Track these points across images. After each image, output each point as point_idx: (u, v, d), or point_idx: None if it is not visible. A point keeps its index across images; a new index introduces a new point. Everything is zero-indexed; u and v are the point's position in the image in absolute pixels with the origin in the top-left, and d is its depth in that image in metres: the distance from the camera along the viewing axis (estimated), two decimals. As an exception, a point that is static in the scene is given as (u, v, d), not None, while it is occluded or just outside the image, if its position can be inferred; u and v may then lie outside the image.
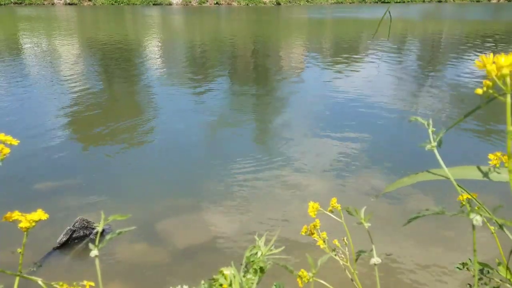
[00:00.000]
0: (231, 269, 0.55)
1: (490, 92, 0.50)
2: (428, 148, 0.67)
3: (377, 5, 35.96)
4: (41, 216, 0.68)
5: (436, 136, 0.67)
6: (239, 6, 34.75)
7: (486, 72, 0.48)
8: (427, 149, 0.68)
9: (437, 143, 0.66)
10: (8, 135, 0.67)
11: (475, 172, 0.67)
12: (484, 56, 0.48)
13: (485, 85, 0.50)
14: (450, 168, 0.66)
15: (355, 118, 5.54)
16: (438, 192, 3.45)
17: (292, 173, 3.92)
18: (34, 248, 2.80)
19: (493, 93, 0.50)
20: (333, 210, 0.95)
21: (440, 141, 0.66)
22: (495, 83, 0.49)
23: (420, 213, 0.76)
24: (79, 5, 32.64)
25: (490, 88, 0.50)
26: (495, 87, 0.50)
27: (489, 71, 0.48)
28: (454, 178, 0.65)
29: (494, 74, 0.48)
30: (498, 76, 0.48)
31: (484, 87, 0.50)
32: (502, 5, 34.93)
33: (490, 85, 0.49)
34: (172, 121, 5.63)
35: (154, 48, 12.84)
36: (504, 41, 13.38)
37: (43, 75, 8.51)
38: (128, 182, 3.83)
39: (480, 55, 0.49)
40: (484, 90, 0.50)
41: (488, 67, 0.48)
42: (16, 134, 0.77)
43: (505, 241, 0.93)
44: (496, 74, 0.48)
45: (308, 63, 10.17)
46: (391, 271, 2.61)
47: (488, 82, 0.49)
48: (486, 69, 0.48)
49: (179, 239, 2.98)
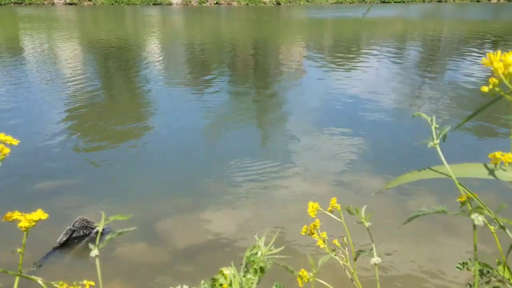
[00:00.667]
0: (231, 269, 0.55)
1: (496, 90, 0.49)
2: (431, 145, 0.66)
3: (377, 5, 35.96)
4: (41, 216, 0.68)
5: (439, 132, 0.66)
6: (239, 6, 34.74)
7: (493, 69, 0.48)
8: (429, 146, 0.66)
9: (442, 138, 0.65)
10: (8, 135, 0.67)
11: (479, 170, 0.66)
12: (492, 54, 0.48)
13: (491, 83, 0.49)
14: (452, 165, 0.65)
15: (355, 118, 5.54)
16: (439, 191, 3.45)
17: (292, 173, 3.92)
18: (34, 248, 2.80)
19: (500, 91, 0.49)
20: (333, 210, 0.95)
21: (445, 136, 0.65)
22: (501, 81, 0.48)
23: (420, 212, 0.75)
24: (79, 5, 32.63)
25: (496, 86, 0.49)
26: (501, 85, 0.49)
27: (496, 69, 0.47)
28: (456, 177, 0.64)
29: (501, 72, 0.47)
30: (505, 74, 0.47)
31: (490, 84, 0.49)
32: (502, 5, 34.93)
33: (496, 83, 0.49)
34: (172, 121, 5.63)
35: (154, 48, 12.84)
36: (504, 41, 13.38)
37: (43, 75, 8.51)
38: (128, 182, 3.83)
39: (488, 53, 0.49)
40: (490, 88, 0.49)
41: (495, 64, 0.47)
42: (16, 134, 0.77)
43: (505, 241, 0.93)
44: (503, 72, 0.47)
45: (308, 63, 10.16)
46: (391, 271, 2.61)
47: (494, 80, 0.49)
48: (493, 66, 0.47)
49: (179, 239, 2.98)
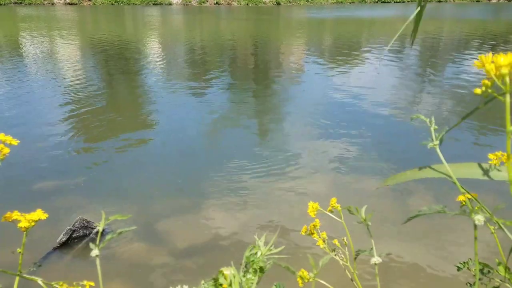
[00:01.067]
0: (231, 269, 0.55)
1: (489, 92, 0.49)
2: (430, 146, 0.67)
3: (377, 5, 35.95)
4: (41, 216, 0.68)
5: (438, 134, 0.66)
6: (239, 6, 34.74)
7: (485, 71, 0.48)
8: (429, 147, 0.67)
9: (439, 141, 0.66)
10: (8, 135, 0.67)
11: (476, 170, 0.67)
12: (483, 56, 0.48)
13: (484, 85, 0.49)
14: (452, 164, 0.66)
15: (355, 117, 5.54)
16: (438, 190, 3.45)
17: (292, 173, 3.92)
18: (34, 248, 2.80)
19: (492, 93, 0.49)
20: (333, 210, 0.95)
21: (442, 139, 0.66)
22: (494, 82, 0.48)
23: (420, 211, 0.75)
24: (79, 5, 32.63)
25: (489, 88, 0.49)
26: (494, 87, 0.49)
27: (488, 71, 0.47)
28: (457, 177, 0.64)
29: (493, 73, 0.47)
30: (497, 76, 0.47)
31: (483, 86, 0.50)
32: (502, 5, 34.93)
33: (489, 84, 0.49)
34: (172, 120, 5.63)
35: (154, 48, 12.84)
36: (504, 41, 13.38)
37: (43, 75, 8.51)
38: (128, 182, 3.83)
39: (479, 55, 0.49)
40: (483, 90, 0.50)
41: (487, 66, 0.47)
42: (16, 134, 0.77)
43: (506, 240, 0.93)
44: (495, 74, 0.47)
45: (308, 62, 10.16)
46: (391, 270, 2.61)
47: (487, 81, 0.49)
48: (485, 68, 0.47)
49: (179, 239, 2.98)
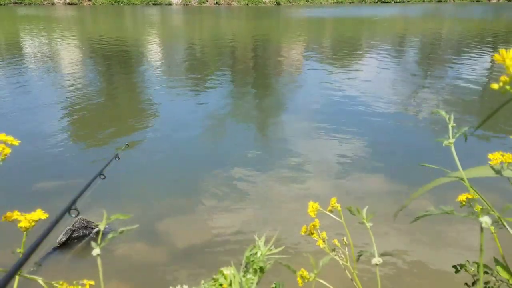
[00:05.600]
0: (231, 269, 0.55)
1: (506, 88, 0.48)
2: (446, 144, 0.66)
3: (377, 5, 35.95)
4: (41, 216, 0.68)
5: (456, 131, 0.65)
6: (239, 6, 34.72)
7: (505, 66, 0.47)
8: (444, 145, 0.66)
9: (464, 138, 0.65)
10: (9, 135, 0.67)
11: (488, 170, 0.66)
12: (504, 50, 0.47)
13: (502, 81, 0.48)
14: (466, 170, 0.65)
15: (355, 117, 5.54)
16: (438, 190, 3.43)
17: (292, 173, 3.92)
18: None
19: (510, 89, 0.48)
20: (332, 210, 0.95)
21: (466, 137, 0.65)
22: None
23: (428, 212, 0.75)
24: (79, 5, 32.62)
25: (507, 84, 0.48)
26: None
27: (508, 66, 0.46)
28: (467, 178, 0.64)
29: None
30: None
31: (501, 82, 0.48)
32: (502, 5, 34.91)
33: (507, 80, 0.48)
34: (172, 120, 5.62)
35: (154, 47, 12.83)
36: (504, 41, 13.37)
37: (42, 75, 8.50)
38: (128, 182, 3.82)
39: (500, 50, 0.47)
40: (500, 86, 0.49)
41: (508, 61, 0.46)
42: (17, 134, 0.77)
43: (506, 240, 0.93)
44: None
45: (308, 62, 10.16)
46: (391, 270, 2.61)
47: (505, 77, 0.48)
48: (505, 63, 0.46)
49: (179, 239, 2.98)
